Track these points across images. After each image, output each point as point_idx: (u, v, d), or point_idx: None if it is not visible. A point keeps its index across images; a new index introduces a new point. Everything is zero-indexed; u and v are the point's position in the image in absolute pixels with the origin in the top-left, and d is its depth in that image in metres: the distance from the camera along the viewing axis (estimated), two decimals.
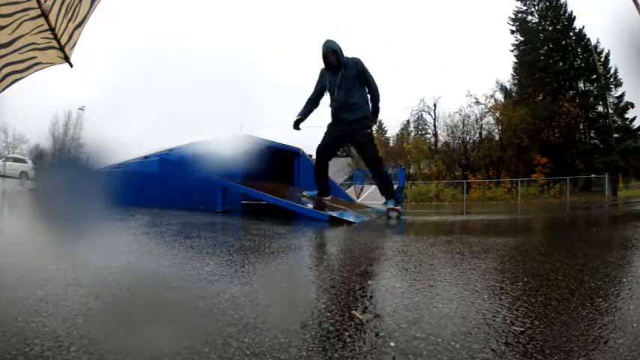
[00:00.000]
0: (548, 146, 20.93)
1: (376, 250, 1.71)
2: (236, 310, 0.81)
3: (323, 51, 3.42)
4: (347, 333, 0.71)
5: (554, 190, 18.12)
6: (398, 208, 3.64)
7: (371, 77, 3.51)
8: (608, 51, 21.34)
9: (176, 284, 1.05)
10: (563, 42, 22.55)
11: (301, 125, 3.71)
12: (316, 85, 3.66)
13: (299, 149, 5.50)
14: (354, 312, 0.82)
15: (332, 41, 3.43)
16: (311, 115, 3.73)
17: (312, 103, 3.70)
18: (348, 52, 3.48)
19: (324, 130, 3.69)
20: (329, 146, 3.65)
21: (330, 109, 3.64)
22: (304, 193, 3.89)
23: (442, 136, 23.94)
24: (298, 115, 3.70)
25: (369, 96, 3.55)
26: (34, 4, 1.75)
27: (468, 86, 30.31)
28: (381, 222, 3.24)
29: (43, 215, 2.88)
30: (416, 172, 22.82)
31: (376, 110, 3.58)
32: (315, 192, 3.77)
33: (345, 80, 3.42)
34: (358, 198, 12.62)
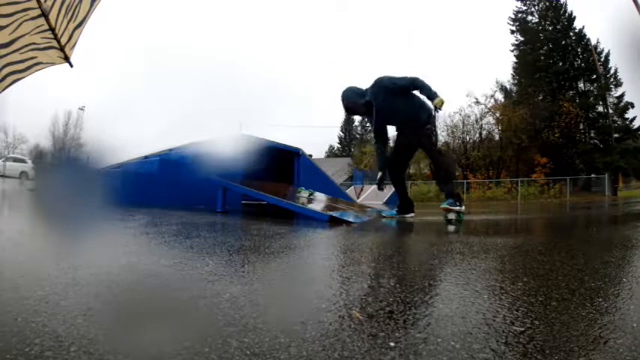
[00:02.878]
0: (548, 146, 20.92)
1: (376, 250, 1.71)
2: (236, 310, 0.81)
3: (345, 111, 3.40)
4: (347, 333, 0.71)
5: (554, 190, 18.12)
6: (455, 208, 3.21)
7: (399, 81, 3.30)
8: (608, 51, 21.37)
9: (176, 284, 1.05)
10: (563, 42, 22.55)
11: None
12: (374, 132, 3.55)
13: (299, 149, 5.50)
14: (354, 312, 0.82)
15: (343, 99, 3.34)
16: (387, 160, 3.59)
17: (381, 148, 3.56)
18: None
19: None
20: (399, 161, 3.53)
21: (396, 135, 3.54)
22: (383, 214, 3.70)
23: (442, 136, 23.96)
24: (380, 172, 3.62)
25: (418, 95, 3.36)
26: (34, 4, 1.76)
27: (468, 86, 30.36)
28: (382, 222, 3.24)
29: (43, 215, 2.88)
30: (416, 172, 22.82)
31: (428, 93, 3.24)
32: (393, 211, 3.59)
33: (383, 106, 3.30)
34: (358, 198, 12.61)
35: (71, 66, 2.09)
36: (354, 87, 3.43)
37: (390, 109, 3.33)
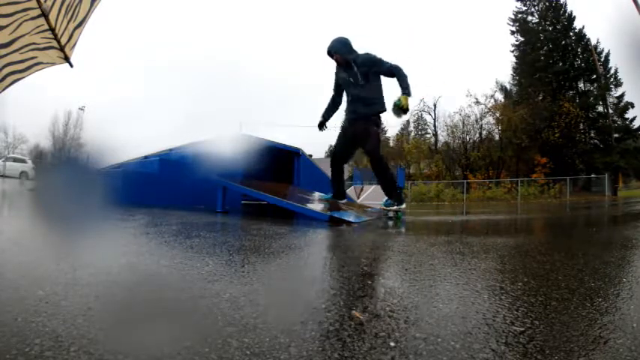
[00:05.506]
0: (548, 146, 20.92)
1: (376, 250, 1.71)
2: (236, 310, 0.81)
3: (327, 52, 3.40)
4: (347, 333, 0.71)
5: (554, 190, 18.13)
6: (393, 208, 3.54)
7: (386, 64, 3.33)
8: (608, 51, 21.35)
9: (176, 284, 1.05)
10: (563, 42, 22.54)
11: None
12: (334, 84, 3.62)
13: (299, 149, 5.50)
14: (354, 312, 0.82)
15: (335, 41, 3.38)
16: (334, 114, 3.68)
17: (333, 102, 3.67)
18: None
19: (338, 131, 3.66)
20: (342, 147, 3.60)
21: (344, 109, 3.58)
22: (319, 197, 3.85)
23: (442, 136, 23.98)
24: (321, 117, 3.70)
25: (383, 94, 3.42)
26: (34, 4, 1.75)
27: (468, 86, 30.33)
28: (382, 222, 3.24)
29: (43, 215, 2.88)
30: (416, 172, 22.83)
31: (404, 85, 3.29)
32: (329, 195, 3.73)
33: (357, 77, 3.34)
34: (358, 198, 12.61)
35: (71, 66, 2.09)
36: (348, 41, 3.45)
37: (362, 84, 3.36)
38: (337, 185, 3.68)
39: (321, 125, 3.74)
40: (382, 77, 3.42)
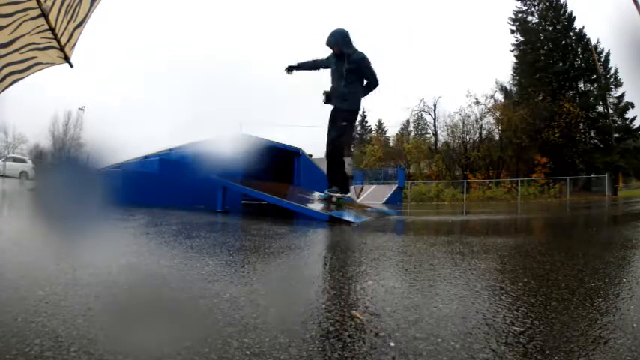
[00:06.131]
0: (548, 146, 20.92)
1: (376, 250, 1.71)
2: (236, 310, 0.81)
3: (326, 41, 3.48)
4: (347, 333, 0.71)
5: (554, 190, 18.12)
6: (337, 195, 3.64)
7: (373, 73, 3.54)
8: (608, 51, 21.35)
9: (176, 284, 1.05)
10: (563, 42, 22.54)
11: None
12: (323, 59, 3.71)
13: (299, 149, 5.50)
14: (354, 312, 0.82)
15: (336, 32, 3.45)
16: (302, 71, 3.80)
17: (312, 63, 3.77)
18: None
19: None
20: (328, 134, 3.69)
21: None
22: (320, 196, 3.91)
23: (442, 136, 23.97)
24: (295, 64, 3.79)
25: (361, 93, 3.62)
26: (34, 4, 1.75)
27: (468, 86, 30.35)
28: (382, 222, 3.24)
29: (43, 215, 2.88)
30: (416, 172, 22.82)
31: (366, 93, 3.65)
32: (325, 193, 3.75)
33: (345, 71, 3.46)
34: (358, 198, 12.61)
35: (71, 66, 2.09)
36: (348, 34, 3.53)
37: (348, 80, 3.49)
38: (332, 176, 3.74)
39: (290, 68, 3.79)
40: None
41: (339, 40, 3.44)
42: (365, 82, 3.62)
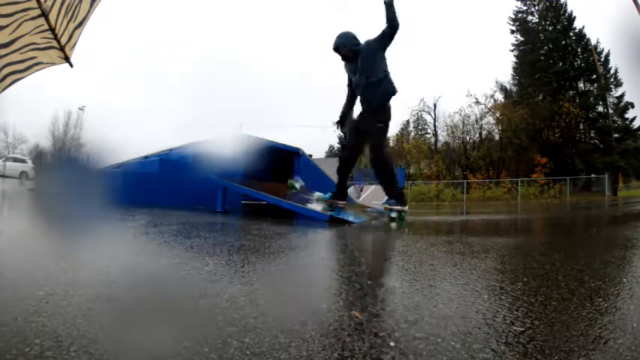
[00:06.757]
0: (548, 146, 20.93)
1: (376, 250, 1.71)
2: (236, 310, 0.81)
3: (333, 47, 3.34)
4: (347, 333, 0.71)
5: (554, 190, 18.12)
6: (397, 207, 3.36)
7: (382, 35, 3.22)
8: (608, 51, 21.35)
9: (176, 284, 1.05)
10: (563, 42, 22.54)
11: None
12: (347, 81, 3.54)
13: (299, 149, 5.50)
14: (354, 312, 0.82)
15: (341, 34, 3.33)
16: (352, 110, 3.59)
17: (348, 100, 3.59)
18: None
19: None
20: (353, 143, 3.50)
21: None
22: (323, 197, 3.71)
23: (442, 136, 23.97)
24: (339, 115, 3.66)
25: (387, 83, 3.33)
26: (34, 4, 1.75)
27: (468, 86, 30.30)
28: (382, 222, 3.24)
29: (43, 215, 2.88)
30: (416, 172, 22.82)
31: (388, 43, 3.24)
32: (328, 194, 3.60)
33: (362, 63, 3.28)
34: (358, 198, 12.60)
35: (71, 66, 2.09)
36: (352, 34, 3.40)
37: (367, 67, 3.30)
38: (342, 184, 3.60)
39: (340, 123, 3.68)
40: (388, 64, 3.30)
41: (347, 42, 3.30)
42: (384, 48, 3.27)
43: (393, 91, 3.34)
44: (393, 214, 3.32)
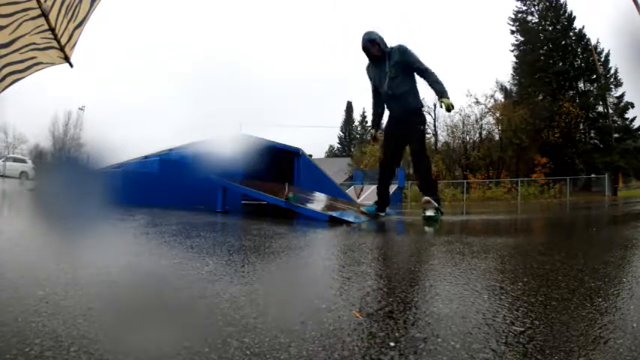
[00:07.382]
0: (548, 146, 20.93)
1: (376, 250, 1.71)
2: (236, 310, 0.81)
3: (362, 44, 3.22)
4: (347, 333, 0.71)
5: (554, 190, 18.12)
6: (435, 205, 3.21)
7: (418, 62, 3.19)
8: (608, 51, 21.38)
9: (176, 284, 1.05)
10: (563, 42, 22.56)
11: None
12: (372, 89, 3.45)
13: (299, 149, 5.50)
14: (354, 312, 0.82)
15: (370, 32, 3.22)
16: (382, 120, 3.55)
17: (376, 108, 3.51)
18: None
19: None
20: (391, 152, 3.40)
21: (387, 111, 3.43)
22: (362, 209, 3.65)
23: (442, 136, 23.97)
24: (371, 130, 3.67)
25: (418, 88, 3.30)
26: (34, 4, 1.75)
27: (468, 86, 30.33)
28: (382, 222, 3.24)
29: (43, 215, 2.88)
30: None
31: (439, 90, 3.15)
32: (373, 207, 3.55)
33: (390, 70, 3.20)
34: (358, 198, 12.60)
35: (71, 66, 2.09)
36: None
37: (395, 77, 3.21)
38: (385, 195, 3.51)
39: (375, 138, 3.69)
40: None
41: (377, 37, 3.18)
42: (414, 75, 3.26)
43: (421, 105, 3.35)
44: (430, 212, 3.20)
